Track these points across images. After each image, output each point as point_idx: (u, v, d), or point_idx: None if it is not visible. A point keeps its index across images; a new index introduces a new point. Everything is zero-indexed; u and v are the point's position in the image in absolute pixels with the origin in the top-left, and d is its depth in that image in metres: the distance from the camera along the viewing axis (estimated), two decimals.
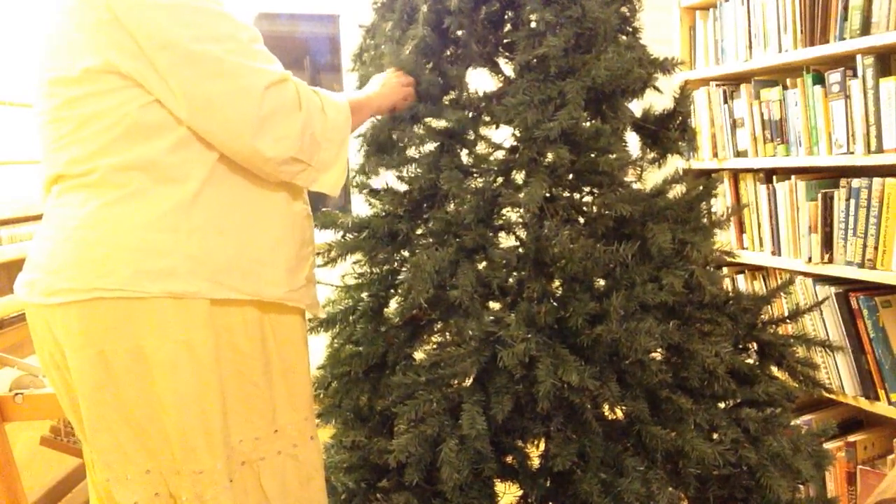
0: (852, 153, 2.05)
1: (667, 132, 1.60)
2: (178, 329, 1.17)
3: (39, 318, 1.22)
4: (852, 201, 2.05)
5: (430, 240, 1.49)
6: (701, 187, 1.58)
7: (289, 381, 1.34)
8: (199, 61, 1.13)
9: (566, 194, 1.55)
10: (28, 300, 1.22)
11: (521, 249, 1.52)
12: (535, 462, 1.54)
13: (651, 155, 1.63)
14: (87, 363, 1.17)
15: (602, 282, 1.47)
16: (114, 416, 1.20)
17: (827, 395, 2.15)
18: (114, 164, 1.16)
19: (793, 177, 2.26)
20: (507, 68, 1.60)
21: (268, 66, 1.20)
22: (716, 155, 2.58)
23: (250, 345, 1.26)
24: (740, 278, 2.55)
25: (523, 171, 1.45)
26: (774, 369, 1.63)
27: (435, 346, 1.59)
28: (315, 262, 1.41)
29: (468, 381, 1.47)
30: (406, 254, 1.59)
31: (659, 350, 1.49)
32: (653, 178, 1.62)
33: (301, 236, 1.33)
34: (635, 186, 1.55)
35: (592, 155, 1.42)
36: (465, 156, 1.53)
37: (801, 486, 1.55)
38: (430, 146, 1.51)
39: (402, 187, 1.55)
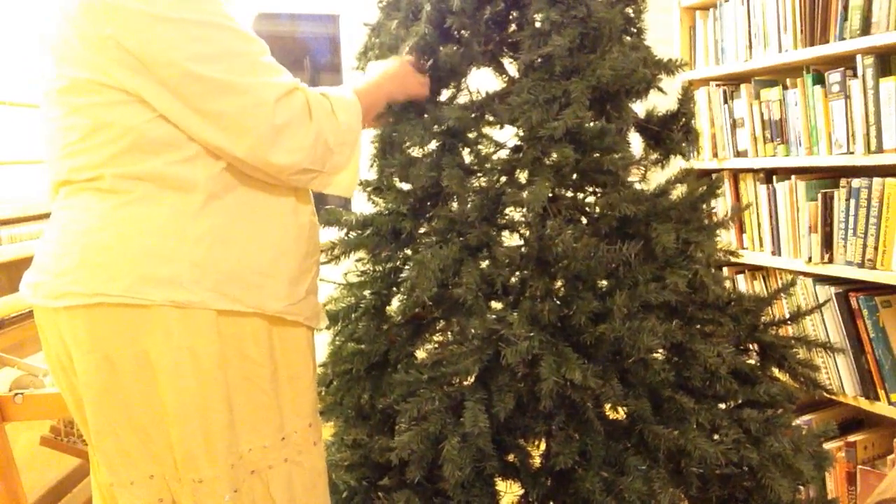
0: (852, 153, 2.05)
1: (670, 133, 1.61)
2: (183, 336, 1.17)
3: (47, 320, 1.22)
4: (852, 201, 2.05)
5: (434, 238, 1.49)
6: (704, 187, 1.58)
7: (295, 387, 1.33)
8: (205, 80, 1.13)
9: (570, 194, 1.55)
10: (34, 302, 1.22)
11: (524, 248, 1.52)
12: (537, 460, 1.54)
13: (654, 155, 1.63)
14: (93, 367, 1.17)
15: (605, 281, 1.47)
16: (119, 420, 1.20)
17: (827, 395, 2.16)
18: (120, 173, 1.15)
19: (793, 177, 2.27)
20: (512, 68, 1.60)
21: (276, 79, 1.19)
22: (716, 155, 2.59)
23: (259, 352, 1.26)
24: (740, 278, 2.55)
25: (527, 171, 1.45)
26: (775, 370, 1.63)
27: (437, 344, 1.59)
28: (318, 272, 1.40)
29: (470, 379, 1.47)
30: (409, 252, 1.59)
31: (661, 349, 1.49)
32: (656, 178, 1.63)
33: (305, 248, 1.33)
34: (639, 186, 1.56)
35: (597, 154, 1.42)
36: (467, 155, 1.53)
37: (801, 487, 1.55)
38: (432, 145, 1.51)
39: (406, 185, 1.55)
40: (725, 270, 2.55)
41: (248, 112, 1.15)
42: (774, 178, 2.35)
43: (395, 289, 1.62)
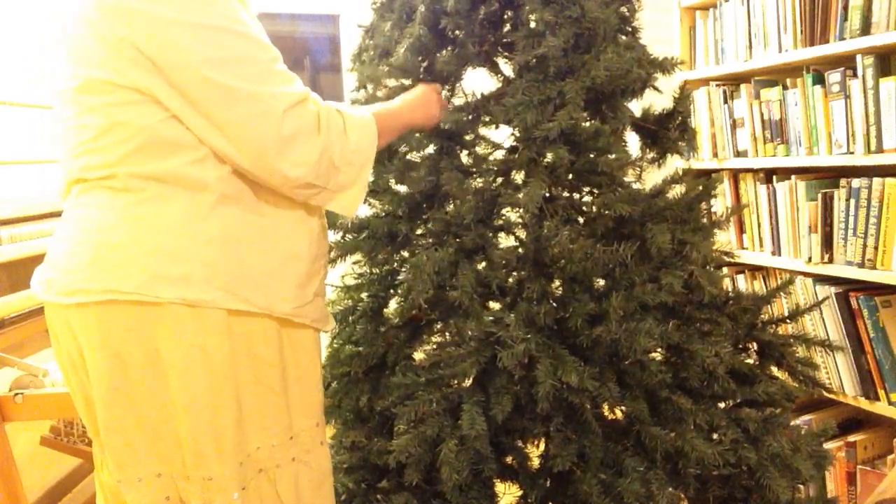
0: (852, 153, 2.05)
1: (666, 132, 1.60)
2: (194, 334, 1.17)
3: (58, 317, 1.22)
4: (852, 201, 2.05)
5: (430, 240, 1.49)
6: (700, 187, 1.58)
7: (303, 387, 1.33)
8: (216, 86, 1.12)
9: (566, 194, 1.55)
10: (45, 299, 1.23)
11: (520, 250, 1.52)
12: (535, 462, 1.54)
13: (651, 155, 1.63)
14: (103, 364, 1.17)
15: (601, 282, 1.47)
16: (128, 418, 1.20)
17: (827, 395, 2.15)
18: (133, 172, 1.16)
19: (793, 177, 2.26)
20: (507, 68, 1.60)
21: (287, 88, 1.18)
22: (716, 155, 2.58)
23: (269, 352, 1.26)
24: (740, 278, 2.55)
25: (523, 172, 1.45)
26: (774, 369, 1.63)
27: (434, 347, 1.59)
28: (326, 274, 1.40)
29: (468, 382, 1.47)
30: (406, 254, 1.59)
31: (658, 350, 1.49)
32: (653, 178, 1.62)
33: (315, 251, 1.32)
34: (635, 186, 1.55)
35: (592, 155, 1.42)
36: (464, 157, 1.53)
37: (800, 486, 1.54)
38: (429, 149, 1.51)
39: (402, 188, 1.55)
40: (725, 270, 2.54)
41: (256, 121, 1.15)
42: (774, 178, 2.35)
43: (392, 291, 1.62)
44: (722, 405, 1.53)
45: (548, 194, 1.44)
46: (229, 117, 1.14)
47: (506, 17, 1.57)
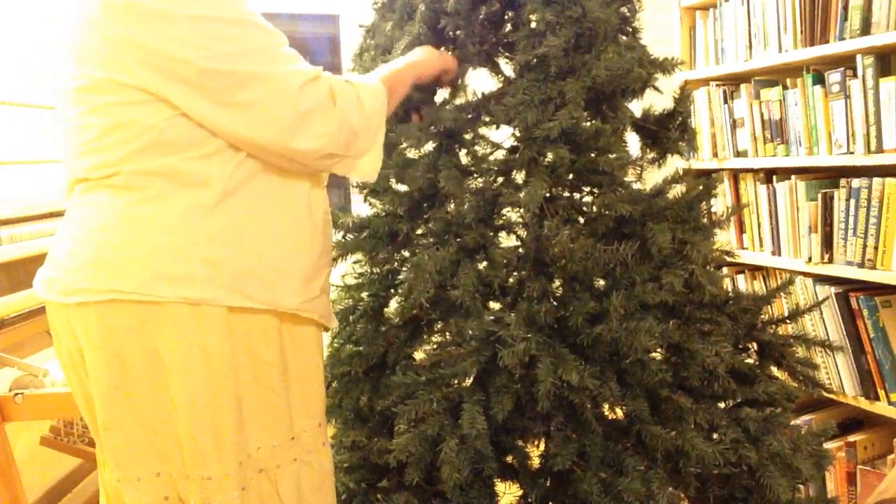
0: (852, 153, 2.05)
1: (667, 132, 1.60)
2: (194, 333, 1.17)
3: (59, 316, 1.23)
4: (852, 201, 2.05)
5: (431, 239, 1.49)
6: (701, 187, 1.58)
7: (304, 387, 1.33)
8: (227, 74, 1.13)
9: (566, 194, 1.55)
10: (46, 298, 1.23)
11: (521, 249, 1.52)
12: (536, 461, 1.54)
13: (651, 155, 1.63)
14: (103, 363, 1.18)
15: (602, 281, 1.47)
16: (128, 417, 1.20)
17: (827, 395, 2.15)
18: (136, 169, 1.16)
19: (793, 177, 2.26)
20: (508, 68, 1.60)
21: (298, 67, 1.20)
22: (716, 155, 2.59)
23: (269, 351, 1.26)
24: (740, 278, 2.55)
25: (523, 171, 1.45)
26: (774, 369, 1.63)
27: (435, 346, 1.59)
28: (331, 271, 1.40)
29: (468, 381, 1.47)
30: (406, 253, 1.59)
31: (659, 349, 1.49)
32: (653, 178, 1.62)
33: (320, 246, 1.33)
34: (635, 186, 1.55)
35: (592, 155, 1.42)
36: (463, 156, 1.53)
37: (801, 486, 1.54)
38: (428, 146, 1.51)
39: (402, 187, 1.55)
40: (725, 270, 2.54)
41: (273, 100, 1.16)
42: (774, 178, 2.35)
43: (392, 291, 1.62)
44: (722, 405, 1.53)
45: (548, 194, 1.44)
46: (246, 99, 1.15)
47: (506, 17, 1.57)
